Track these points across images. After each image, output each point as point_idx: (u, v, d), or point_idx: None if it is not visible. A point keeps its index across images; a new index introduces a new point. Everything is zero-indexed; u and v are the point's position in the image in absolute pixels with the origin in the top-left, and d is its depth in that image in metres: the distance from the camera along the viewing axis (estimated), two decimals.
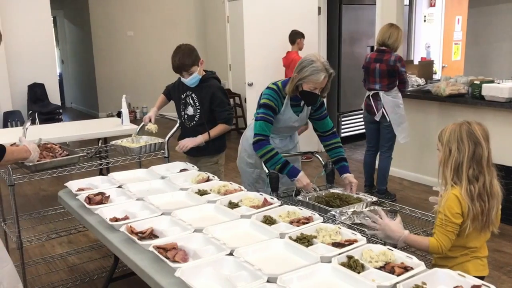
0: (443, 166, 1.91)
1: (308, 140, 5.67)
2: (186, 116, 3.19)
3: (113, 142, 3.20)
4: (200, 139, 3.08)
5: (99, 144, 3.28)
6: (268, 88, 2.74)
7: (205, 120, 3.10)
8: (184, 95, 3.18)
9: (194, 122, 3.16)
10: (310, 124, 2.99)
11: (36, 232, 3.31)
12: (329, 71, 2.54)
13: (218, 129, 3.11)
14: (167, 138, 3.13)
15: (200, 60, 3.05)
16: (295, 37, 5.70)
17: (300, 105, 2.76)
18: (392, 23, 4.59)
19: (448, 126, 1.93)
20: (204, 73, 3.12)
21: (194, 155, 3.19)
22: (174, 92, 3.30)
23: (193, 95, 3.13)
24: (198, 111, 3.13)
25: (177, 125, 3.31)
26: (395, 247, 1.81)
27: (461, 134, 1.86)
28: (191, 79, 3.03)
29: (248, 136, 2.96)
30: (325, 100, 2.91)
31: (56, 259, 3.44)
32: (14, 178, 2.62)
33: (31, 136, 4.11)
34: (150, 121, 3.30)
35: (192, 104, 3.14)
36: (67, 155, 2.79)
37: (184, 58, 2.97)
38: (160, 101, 3.42)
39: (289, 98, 2.72)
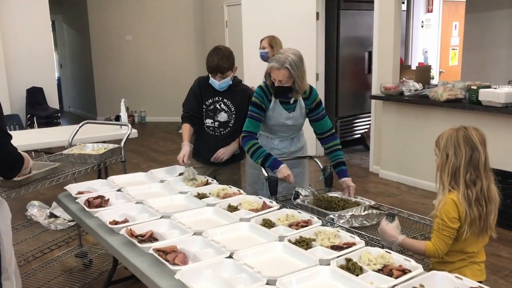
0: (440, 171, 1.93)
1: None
2: (217, 123, 3.01)
3: (65, 152, 3.14)
4: (234, 146, 3.02)
5: (41, 156, 3.18)
6: (258, 86, 2.81)
7: (239, 125, 2.97)
8: (211, 100, 3.00)
9: (228, 129, 3.02)
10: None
11: (30, 246, 3.25)
12: (284, 65, 2.56)
13: None
14: (122, 143, 3.17)
15: (235, 66, 2.97)
16: None
17: (289, 102, 2.77)
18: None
19: (445, 132, 1.94)
20: None
21: (219, 164, 3.04)
22: (197, 103, 3.02)
23: (225, 100, 2.99)
24: (234, 116, 3.01)
25: (129, 130, 3.31)
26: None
27: (457, 139, 1.88)
28: (222, 83, 2.92)
29: None
30: (322, 104, 2.92)
31: (54, 263, 3.43)
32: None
33: (30, 140, 4.08)
34: (183, 162, 2.84)
35: (226, 109, 3.00)
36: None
37: (223, 60, 2.86)
38: (188, 131, 2.97)
39: None
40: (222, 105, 3.01)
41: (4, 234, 2.11)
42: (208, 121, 3.03)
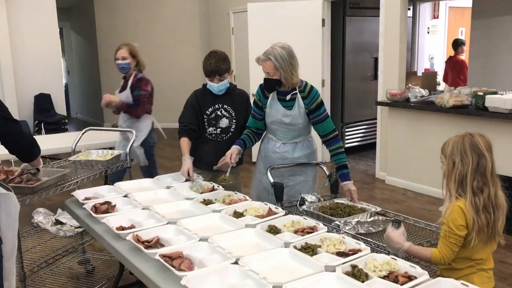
0: (447, 178, 1.92)
1: None
2: (219, 130, 3.06)
3: (71, 158, 3.16)
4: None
5: (47, 163, 3.08)
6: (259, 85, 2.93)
7: (239, 130, 3.04)
8: (211, 109, 3.04)
9: (230, 134, 3.07)
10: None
11: (40, 253, 3.26)
12: (268, 56, 2.68)
13: None
14: (128, 149, 3.20)
15: (231, 69, 3.04)
16: (457, 44, 7.41)
17: (286, 99, 2.80)
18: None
19: (451, 139, 1.93)
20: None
21: (219, 170, 2.94)
22: (196, 117, 3.04)
23: (225, 106, 3.05)
24: (234, 121, 3.07)
25: (134, 136, 3.33)
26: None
27: (464, 146, 1.87)
28: (220, 85, 2.97)
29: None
30: (328, 110, 2.93)
31: (61, 269, 3.44)
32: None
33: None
34: (189, 175, 2.84)
35: (227, 115, 3.06)
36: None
37: (220, 62, 2.94)
38: (187, 145, 2.98)
39: (276, 92, 2.83)
40: (223, 111, 3.06)
41: (6, 227, 2.13)
42: (211, 129, 3.07)
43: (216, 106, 3.05)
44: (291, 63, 2.70)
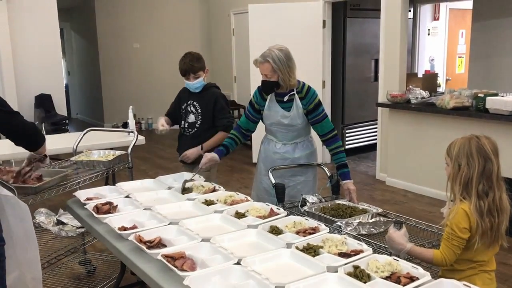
0: (452, 181, 1.90)
1: None
2: (187, 124, 3.32)
3: (72, 158, 3.17)
4: (198, 149, 3.22)
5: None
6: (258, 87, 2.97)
7: (207, 127, 3.25)
8: (186, 104, 3.34)
9: (195, 129, 3.30)
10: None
11: (43, 253, 3.23)
12: (266, 59, 2.70)
13: (215, 138, 3.23)
14: (129, 150, 3.25)
15: (206, 68, 3.29)
16: None
17: (284, 100, 2.81)
18: None
19: (457, 140, 1.91)
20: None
21: (190, 163, 3.27)
22: (175, 107, 3.45)
23: (195, 102, 3.30)
24: (200, 117, 3.28)
25: (135, 137, 3.46)
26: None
27: (470, 149, 1.84)
28: (195, 83, 3.23)
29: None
30: (329, 111, 2.93)
31: (63, 269, 3.44)
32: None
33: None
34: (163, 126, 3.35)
35: (194, 111, 3.29)
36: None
37: (193, 61, 3.21)
38: (164, 116, 3.50)
39: (273, 94, 2.85)
40: (191, 107, 3.31)
41: (15, 225, 2.16)
42: (182, 123, 3.37)
43: (189, 102, 3.32)
44: (289, 65, 2.72)
